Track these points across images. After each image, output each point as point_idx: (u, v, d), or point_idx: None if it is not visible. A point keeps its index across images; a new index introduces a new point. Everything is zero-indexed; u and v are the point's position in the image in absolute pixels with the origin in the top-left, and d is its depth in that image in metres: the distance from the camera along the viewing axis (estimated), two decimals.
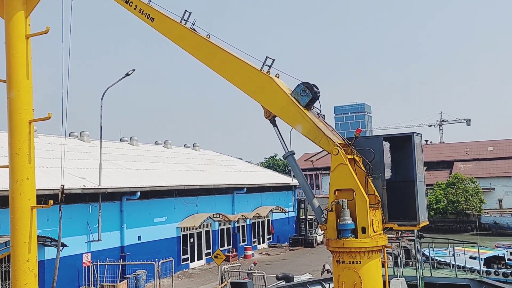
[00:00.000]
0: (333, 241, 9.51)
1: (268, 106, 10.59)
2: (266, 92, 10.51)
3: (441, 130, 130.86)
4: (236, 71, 10.81)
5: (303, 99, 10.13)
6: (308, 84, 10.20)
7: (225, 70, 10.96)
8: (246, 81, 10.70)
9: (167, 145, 49.47)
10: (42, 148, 30.53)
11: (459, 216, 73.24)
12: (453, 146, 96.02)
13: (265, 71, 10.45)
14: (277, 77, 10.54)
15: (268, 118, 10.77)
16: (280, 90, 10.29)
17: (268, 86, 10.43)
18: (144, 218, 30.63)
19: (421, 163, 10.50)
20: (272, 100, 10.48)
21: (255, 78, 10.55)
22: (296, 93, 10.21)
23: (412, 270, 16.51)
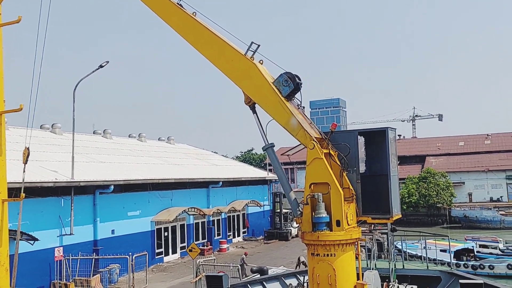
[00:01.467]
0: (308, 234, 9.59)
1: (248, 92, 10.49)
2: (248, 78, 10.38)
3: (413, 125, 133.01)
4: (220, 53, 10.60)
5: (285, 89, 10.07)
6: (291, 74, 10.14)
7: (209, 51, 10.74)
8: (229, 64, 10.54)
9: (141, 138, 48.99)
10: (12, 141, 29.82)
11: (430, 210, 74.72)
12: (425, 141, 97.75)
13: (249, 56, 10.30)
14: (261, 64, 10.39)
15: (248, 104, 10.68)
16: (262, 77, 10.19)
17: (251, 72, 10.31)
18: (118, 212, 30.33)
19: (395, 158, 10.64)
20: (253, 86, 10.38)
21: (238, 63, 10.40)
22: (278, 82, 10.14)
23: (385, 263, 16.79)
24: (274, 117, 10.18)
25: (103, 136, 44.19)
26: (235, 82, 10.54)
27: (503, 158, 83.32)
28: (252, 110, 10.72)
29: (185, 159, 46.01)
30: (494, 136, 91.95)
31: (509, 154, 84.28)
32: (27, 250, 22.70)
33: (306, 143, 9.74)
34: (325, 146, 9.84)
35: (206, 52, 10.78)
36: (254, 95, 10.43)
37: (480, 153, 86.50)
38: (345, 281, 9.38)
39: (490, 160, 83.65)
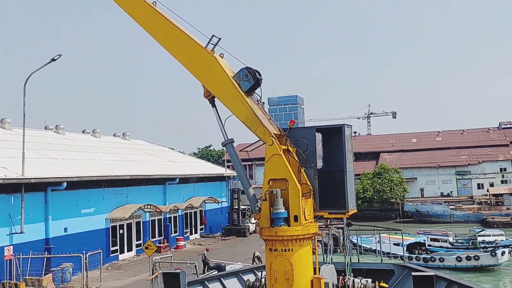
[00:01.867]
0: (266, 229, 9.61)
1: (208, 86, 10.34)
2: (208, 72, 10.21)
3: (369, 122, 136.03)
4: (180, 45, 10.38)
5: (245, 84, 9.98)
6: (251, 69, 10.04)
7: (169, 42, 10.50)
8: (189, 57, 10.34)
9: (95, 134, 47.86)
10: None
11: (384, 205, 76.65)
12: (379, 137, 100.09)
13: (210, 50, 10.12)
14: (222, 57, 10.25)
15: (207, 98, 10.53)
16: (222, 71, 10.05)
17: (211, 66, 10.14)
18: (71, 209, 29.57)
19: (351, 154, 10.81)
20: (213, 80, 10.23)
21: (198, 55, 10.21)
22: (238, 77, 10.03)
23: (341, 257, 17.08)
24: (233, 112, 10.11)
25: (55, 131, 42.92)
26: (194, 75, 10.38)
27: (453, 155, 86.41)
28: (211, 104, 10.60)
29: (141, 156, 45.34)
30: (445, 133, 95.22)
31: (459, 150, 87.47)
32: None
33: (265, 139, 9.75)
34: (284, 143, 9.88)
35: (165, 44, 10.56)
36: (213, 89, 10.31)
37: (432, 150, 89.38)
38: (302, 276, 9.48)
39: (441, 156, 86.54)
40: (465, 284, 14.65)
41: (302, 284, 9.44)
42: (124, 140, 51.86)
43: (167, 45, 10.56)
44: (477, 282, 28.70)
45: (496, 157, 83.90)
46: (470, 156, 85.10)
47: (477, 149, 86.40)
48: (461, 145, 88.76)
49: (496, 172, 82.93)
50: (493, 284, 33.88)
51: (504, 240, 45.82)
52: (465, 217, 69.07)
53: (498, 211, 68.83)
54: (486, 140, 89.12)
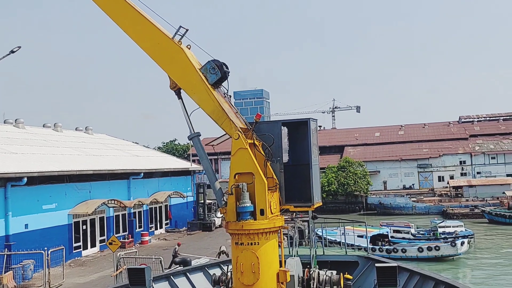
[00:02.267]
0: (232, 223, 9.60)
1: (174, 77, 10.16)
2: (174, 63, 10.05)
3: (333, 116, 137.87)
4: (146, 35, 10.15)
5: (212, 77, 9.85)
6: (218, 62, 9.93)
7: (135, 31, 10.23)
8: (155, 47, 10.12)
9: (57, 128, 46.72)
10: None
11: (348, 197, 77.95)
12: (344, 131, 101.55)
13: (177, 41, 9.94)
14: (189, 48, 10.09)
15: (173, 89, 10.35)
16: (189, 63, 9.90)
17: (177, 57, 9.98)
18: (32, 205, 28.83)
19: (316, 148, 10.91)
20: (179, 72, 10.06)
21: (165, 46, 10.01)
22: (205, 69, 9.90)
23: (306, 249, 17.27)
24: (199, 105, 10.00)
25: (14, 125, 41.68)
26: (160, 65, 10.20)
27: (415, 148, 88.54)
28: (177, 96, 10.46)
29: (104, 150, 44.56)
30: (407, 127, 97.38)
31: (420, 144, 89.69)
32: None
33: (231, 133, 9.72)
34: (250, 136, 9.87)
35: (130, 32, 10.30)
36: (179, 80, 10.16)
37: (394, 143, 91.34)
38: (268, 269, 9.52)
39: (403, 149, 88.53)
40: (426, 274, 15.04)
41: (268, 277, 9.49)
42: (87, 134, 50.84)
43: (132, 33, 10.30)
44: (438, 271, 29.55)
45: (456, 150, 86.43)
46: (431, 149, 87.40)
47: (438, 143, 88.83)
48: (423, 138, 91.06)
49: (456, 165, 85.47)
50: (453, 273, 34.98)
51: (463, 231, 47.40)
52: (426, 209, 71.02)
53: (458, 203, 71.05)
54: (446, 133, 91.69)
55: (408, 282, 15.14)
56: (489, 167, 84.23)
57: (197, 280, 17.06)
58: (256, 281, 9.38)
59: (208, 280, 16.15)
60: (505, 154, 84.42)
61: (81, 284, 24.96)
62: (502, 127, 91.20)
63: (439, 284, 13.97)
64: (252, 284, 9.40)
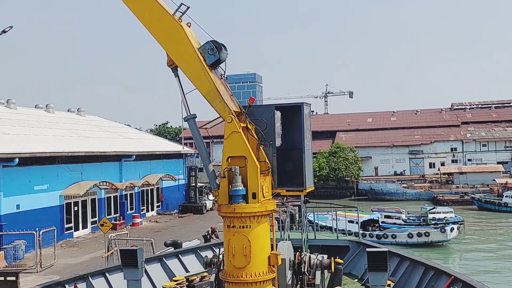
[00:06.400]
0: (224, 206, 9.66)
1: (172, 55, 10.10)
2: (173, 40, 9.97)
3: (326, 101, 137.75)
4: (147, 9, 10.04)
5: (210, 57, 9.80)
6: (217, 43, 9.88)
7: (136, 5, 10.13)
8: (155, 22, 10.03)
9: (49, 109, 46.37)
10: None
11: (339, 183, 78.32)
12: (336, 117, 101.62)
13: (177, 18, 9.86)
14: (189, 26, 10.02)
15: (170, 67, 10.28)
16: (188, 41, 9.83)
17: (177, 34, 9.89)
18: (24, 186, 28.74)
19: (309, 132, 10.95)
20: (177, 50, 10.00)
21: (165, 22, 9.93)
22: (204, 49, 9.84)
23: (297, 233, 17.39)
24: (195, 85, 9.95)
25: (6, 106, 41.31)
26: (159, 41, 10.10)
27: (407, 134, 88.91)
28: (174, 73, 10.39)
29: (97, 132, 44.37)
30: (399, 113, 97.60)
31: (412, 130, 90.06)
32: None
33: (225, 116, 9.72)
34: (243, 120, 9.88)
35: (131, 6, 10.17)
36: (177, 58, 10.08)
37: (387, 129, 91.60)
38: (260, 252, 9.62)
39: (395, 136, 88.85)
40: (416, 259, 15.23)
41: (259, 260, 9.59)
42: (79, 116, 50.53)
43: (132, 7, 10.18)
44: (427, 257, 29.93)
45: (447, 137, 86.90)
46: (422, 136, 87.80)
47: (430, 129, 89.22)
48: (415, 125, 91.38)
49: (447, 152, 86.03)
50: (442, 259, 35.44)
51: (453, 217, 47.93)
52: (417, 195, 71.61)
53: (448, 190, 71.65)
54: (438, 120, 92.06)
55: (399, 267, 15.34)
56: (480, 154, 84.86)
57: (189, 262, 17.18)
58: (247, 264, 9.48)
59: (200, 262, 16.26)
60: (496, 142, 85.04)
61: (73, 264, 25.03)
62: (494, 115, 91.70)
63: (429, 269, 14.16)
64: (243, 267, 9.50)
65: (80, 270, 19.84)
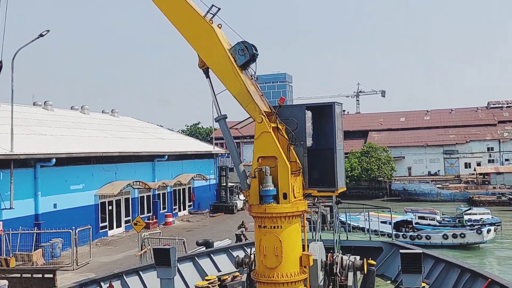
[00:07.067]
0: (255, 206, 9.68)
1: (203, 56, 10.21)
2: (204, 42, 10.07)
3: (357, 100, 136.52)
4: (179, 11, 10.18)
5: (240, 58, 9.87)
6: (248, 44, 9.93)
7: (168, 7, 10.28)
8: (187, 24, 10.15)
9: (84, 111, 47.48)
10: None
11: (371, 183, 77.35)
12: (368, 116, 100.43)
13: (208, 19, 9.95)
14: (219, 28, 10.11)
15: (201, 68, 10.40)
16: (219, 43, 9.92)
17: (208, 36, 9.99)
18: (60, 186, 29.49)
19: (341, 132, 10.87)
20: (208, 51, 10.10)
21: (196, 24, 10.04)
22: (234, 50, 9.92)
23: (329, 234, 17.29)
24: (226, 85, 10.02)
25: (43, 108, 42.51)
26: (190, 43, 10.20)
27: (441, 134, 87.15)
28: (205, 75, 10.48)
29: (130, 132, 45.15)
30: (433, 112, 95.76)
31: (446, 130, 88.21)
32: None
33: (255, 117, 9.74)
34: (273, 120, 9.88)
35: (163, 8, 10.32)
36: (208, 59, 10.18)
37: (420, 129, 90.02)
38: (291, 252, 9.60)
39: (429, 135, 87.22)
40: (451, 261, 14.92)
41: (291, 261, 9.57)
42: (113, 117, 51.53)
43: (164, 9, 10.33)
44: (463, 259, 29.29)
45: (483, 136, 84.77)
46: (457, 135, 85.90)
47: (465, 129, 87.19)
48: (449, 124, 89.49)
49: (483, 152, 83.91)
50: (478, 261, 34.58)
51: (489, 218, 46.64)
52: (452, 196, 70.04)
53: (485, 190, 69.83)
54: (474, 119, 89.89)
55: (433, 269, 15.06)
56: None
57: (221, 262, 17.30)
58: (279, 264, 9.47)
59: (232, 262, 16.34)
60: None
61: (107, 263, 25.51)
62: None
63: (465, 271, 13.85)
64: (275, 267, 9.50)
65: (115, 268, 20.20)
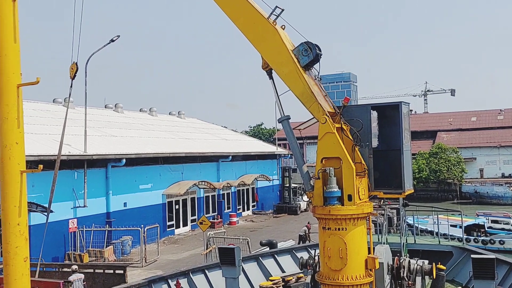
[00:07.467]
0: (319, 208, 9.62)
1: (266, 57, 10.28)
2: (268, 43, 10.12)
3: (425, 100, 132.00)
4: (242, 13, 10.28)
5: (304, 59, 9.85)
6: (311, 44, 9.90)
7: (232, 9, 10.41)
8: (250, 26, 10.25)
9: (152, 113, 49.12)
10: (26, 114, 29.99)
11: (440, 185, 74.54)
12: (437, 116, 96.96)
13: (272, 20, 10.01)
14: (283, 29, 10.14)
15: (264, 69, 10.49)
16: (282, 44, 9.95)
17: (271, 37, 10.04)
18: (130, 185, 30.67)
19: (408, 132, 10.60)
20: (272, 52, 10.14)
21: (260, 25, 10.11)
22: (298, 51, 9.91)
23: (396, 237, 16.87)
24: (289, 86, 10.02)
25: (114, 110, 44.38)
26: (254, 45, 10.29)
27: None
28: (268, 76, 10.56)
29: (196, 134, 46.18)
30: (507, 111, 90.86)
31: None
32: (43, 222, 23.09)
33: (319, 117, 9.69)
34: (338, 121, 9.78)
35: (228, 10, 10.47)
36: (271, 60, 10.23)
37: (493, 129, 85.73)
38: (356, 255, 9.46)
39: (502, 135, 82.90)
40: None
41: (356, 263, 9.44)
42: (179, 118, 52.94)
43: (228, 11, 10.48)
44: None
45: None
46: None
47: None
48: None
49: None
50: None
51: None
52: None
53: None
54: None
55: (508, 276, 14.35)
56: None
57: (285, 262, 17.32)
58: (343, 266, 9.37)
59: (296, 263, 16.33)
60: None
61: (174, 260, 26.22)
62: None
63: None
64: (339, 269, 9.40)
65: (181, 266, 20.73)
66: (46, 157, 23.32)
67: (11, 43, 6.75)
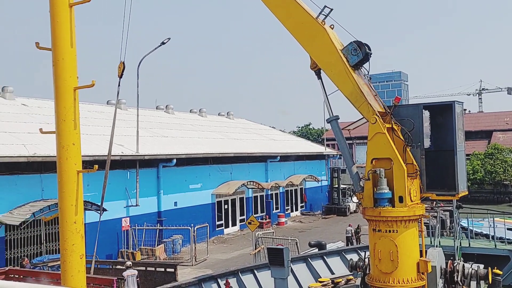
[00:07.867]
0: (369, 209, 9.49)
1: (315, 57, 10.23)
2: (316, 43, 10.07)
3: (480, 99, 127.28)
4: (291, 13, 10.27)
5: (353, 58, 9.74)
6: (360, 43, 9.79)
7: (280, 10, 10.42)
8: (299, 26, 10.22)
9: (201, 114, 49.83)
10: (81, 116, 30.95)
11: (496, 187, 71.74)
12: (492, 115, 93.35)
13: (321, 20, 9.95)
14: (332, 29, 10.06)
15: (313, 70, 10.44)
16: (331, 44, 9.88)
17: (320, 37, 9.98)
18: (180, 185, 31.21)
19: (462, 132, 10.29)
20: (320, 52, 10.09)
21: (308, 26, 10.07)
22: (347, 50, 9.82)
23: (449, 240, 16.39)
24: (338, 86, 9.92)
25: (165, 111, 45.29)
26: (302, 45, 10.25)
27: None
28: (317, 76, 10.49)
29: (244, 134, 46.45)
30: None
31: None
32: (97, 220, 23.88)
33: (368, 117, 9.55)
34: (388, 121, 9.61)
35: (276, 11, 10.47)
36: (320, 60, 10.17)
37: None
38: (408, 258, 9.27)
39: None
40: None
41: (407, 266, 9.25)
42: (228, 119, 53.41)
43: (277, 12, 10.49)
44: None
45: None
46: None
47: None
48: None
49: None
50: None
51: None
52: None
53: None
54: None
55: None
56: None
57: (334, 264, 17.16)
58: (394, 269, 9.20)
59: (345, 265, 16.14)
60: None
61: (223, 260, 26.45)
62: None
63: None
64: (390, 272, 9.24)
65: (230, 265, 20.89)
66: (101, 157, 24.06)
67: (68, 47, 7.04)
